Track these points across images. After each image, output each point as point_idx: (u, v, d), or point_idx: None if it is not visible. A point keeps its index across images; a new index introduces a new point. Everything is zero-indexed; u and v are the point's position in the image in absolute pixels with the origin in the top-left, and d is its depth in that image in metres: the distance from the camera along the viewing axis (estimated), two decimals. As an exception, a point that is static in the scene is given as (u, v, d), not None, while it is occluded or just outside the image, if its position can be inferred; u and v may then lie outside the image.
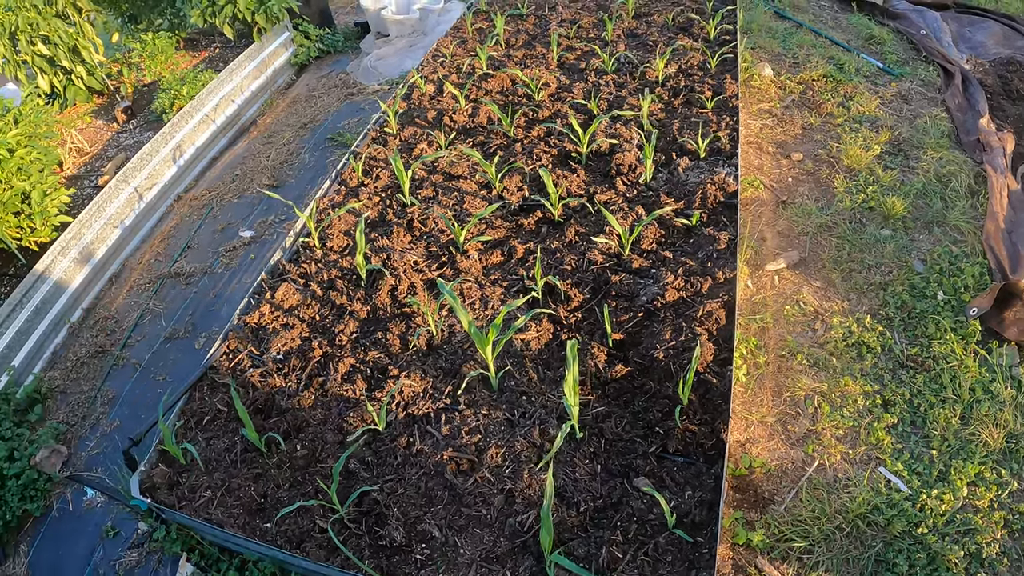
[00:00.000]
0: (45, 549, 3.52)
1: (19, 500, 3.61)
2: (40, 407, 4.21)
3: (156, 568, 3.31)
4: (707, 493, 2.67)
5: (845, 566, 2.83)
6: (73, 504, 3.67)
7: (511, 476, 2.79)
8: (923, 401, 3.31)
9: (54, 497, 3.70)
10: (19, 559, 3.49)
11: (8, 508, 3.55)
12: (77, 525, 3.59)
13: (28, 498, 3.64)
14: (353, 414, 3.13)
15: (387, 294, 3.55)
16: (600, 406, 2.99)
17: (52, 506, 3.67)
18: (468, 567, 2.59)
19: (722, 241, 3.48)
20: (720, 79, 4.76)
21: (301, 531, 2.81)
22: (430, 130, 4.65)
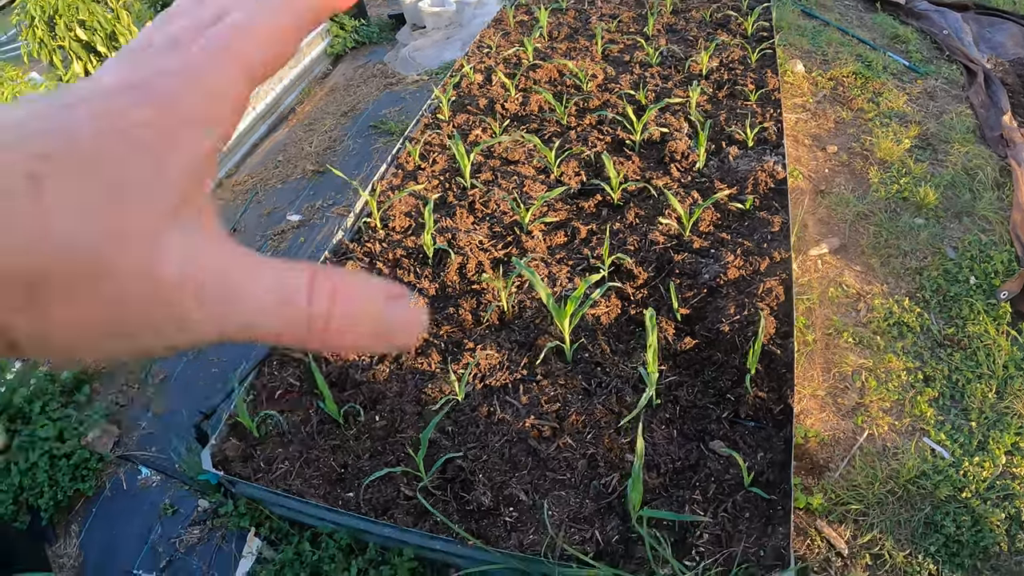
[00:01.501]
0: (98, 529, 3.51)
1: (70, 480, 3.60)
2: (87, 388, 4.24)
3: (220, 545, 3.32)
4: (777, 455, 2.86)
5: (897, 528, 3.03)
6: (127, 483, 3.69)
7: (592, 441, 2.96)
8: (961, 377, 3.52)
9: (106, 477, 3.70)
10: (70, 539, 3.49)
11: (60, 488, 3.56)
12: (132, 504, 3.58)
13: (80, 478, 3.63)
14: (431, 386, 3.28)
15: (455, 272, 3.71)
16: (672, 376, 3.17)
17: (104, 486, 3.67)
18: (557, 527, 2.75)
19: (776, 224, 3.68)
20: (761, 73, 4.97)
21: (385, 499, 2.92)
22: (483, 116, 4.81)
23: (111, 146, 0.29)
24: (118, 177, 0.29)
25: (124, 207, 0.29)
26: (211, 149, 0.33)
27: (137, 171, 0.30)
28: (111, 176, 0.29)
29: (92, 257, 0.28)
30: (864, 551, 2.98)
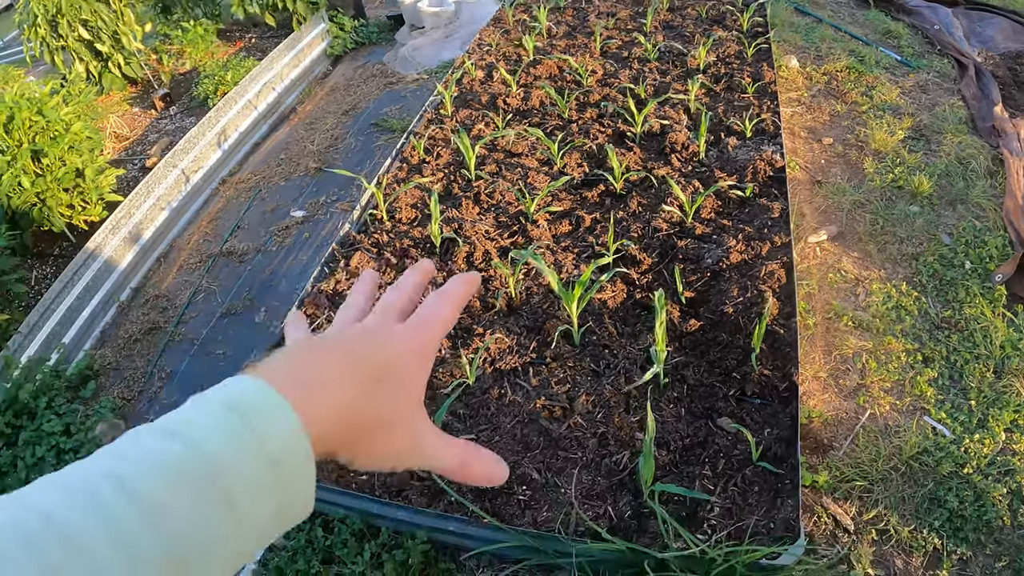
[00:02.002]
0: None
1: None
2: (93, 383, 4.28)
3: None
4: (784, 431, 2.92)
5: (901, 503, 3.10)
6: None
7: (603, 420, 3.02)
8: (959, 357, 3.60)
9: None
10: None
11: None
12: None
13: None
14: (442, 370, 3.33)
15: (463, 260, 3.77)
16: (679, 356, 3.24)
17: None
18: (571, 505, 2.81)
19: (775, 210, 3.76)
20: (757, 67, 5.06)
21: (399, 482, 2.97)
22: (485, 112, 4.89)
23: (403, 366, 0.59)
24: (406, 383, 0.59)
25: (407, 399, 0.58)
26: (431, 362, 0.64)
27: (412, 380, 0.60)
28: (403, 382, 0.58)
29: (390, 422, 0.56)
30: (870, 527, 3.03)
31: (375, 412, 0.54)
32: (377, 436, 0.55)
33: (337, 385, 0.52)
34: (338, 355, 0.55)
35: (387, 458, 0.57)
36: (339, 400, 0.52)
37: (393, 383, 0.56)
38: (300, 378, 0.51)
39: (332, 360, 0.55)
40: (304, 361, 0.53)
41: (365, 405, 0.54)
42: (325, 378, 0.52)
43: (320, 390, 0.51)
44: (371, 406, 0.54)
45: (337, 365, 0.54)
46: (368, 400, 0.54)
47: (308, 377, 0.52)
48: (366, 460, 0.56)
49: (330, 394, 0.52)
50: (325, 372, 0.53)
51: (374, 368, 0.55)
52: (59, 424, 3.82)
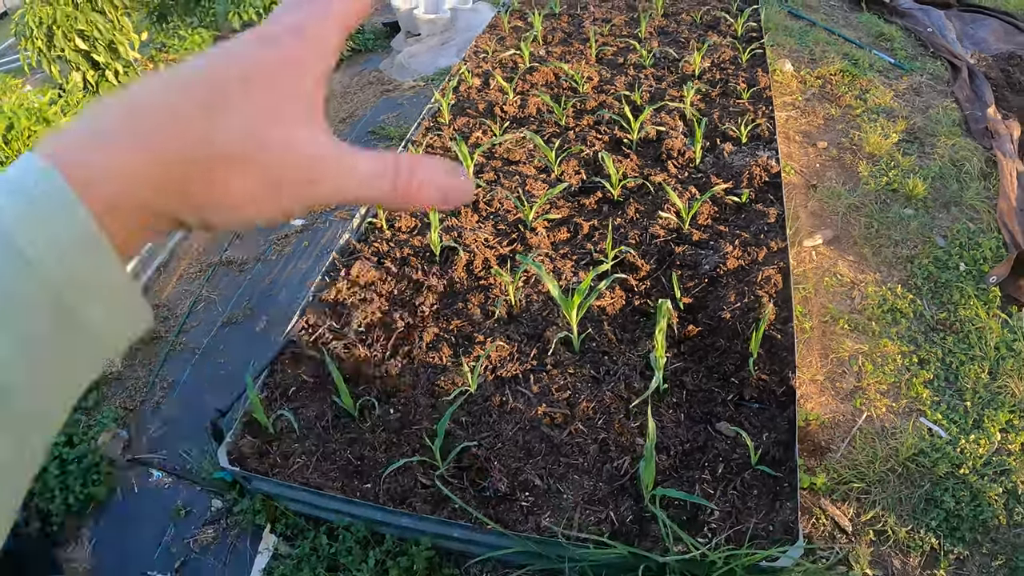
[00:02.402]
0: (110, 532, 3.48)
1: (81, 485, 3.55)
2: (95, 393, 4.25)
3: (234, 543, 3.32)
4: (782, 434, 2.97)
5: (899, 504, 3.14)
6: (138, 486, 3.67)
7: (603, 426, 3.06)
8: (954, 359, 3.64)
9: (117, 480, 3.68)
10: (82, 544, 3.47)
11: (71, 492, 3.51)
12: (143, 507, 3.56)
13: (91, 482, 3.58)
14: (443, 378, 3.36)
15: (463, 268, 3.81)
16: (677, 362, 3.28)
17: (115, 489, 3.65)
18: (572, 510, 2.84)
19: (771, 216, 3.80)
20: (752, 72, 5.11)
21: (403, 489, 2.98)
22: (482, 119, 4.92)
23: (272, 71, 0.45)
24: (275, 91, 0.44)
25: (278, 111, 0.44)
26: (323, 74, 0.49)
27: (285, 86, 0.45)
28: (272, 91, 0.44)
29: (237, 154, 0.43)
30: (867, 528, 3.07)
31: (204, 146, 0.41)
32: (217, 176, 0.42)
33: (144, 124, 0.40)
34: (157, 84, 0.43)
35: (249, 201, 0.44)
36: (140, 142, 0.40)
37: (237, 103, 0.42)
38: (94, 126, 0.41)
39: (145, 94, 0.42)
40: (114, 105, 0.42)
41: (185, 141, 0.41)
42: (121, 122, 0.40)
43: (111, 136, 0.40)
44: (195, 140, 0.41)
45: (150, 97, 0.42)
46: (190, 133, 0.41)
47: (102, 123, 0.41)
48: (218, 212, 0.44)
49: (129, 137, 0.40)
50: (126, 113, 0.41)
51: (205, 91, 0.42)
52: (62, 434, 3.81)
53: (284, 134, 0.44)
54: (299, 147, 0.45)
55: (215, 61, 0.44)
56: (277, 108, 0.44)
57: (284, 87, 0.45)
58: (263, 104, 0.44)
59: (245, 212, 0.45)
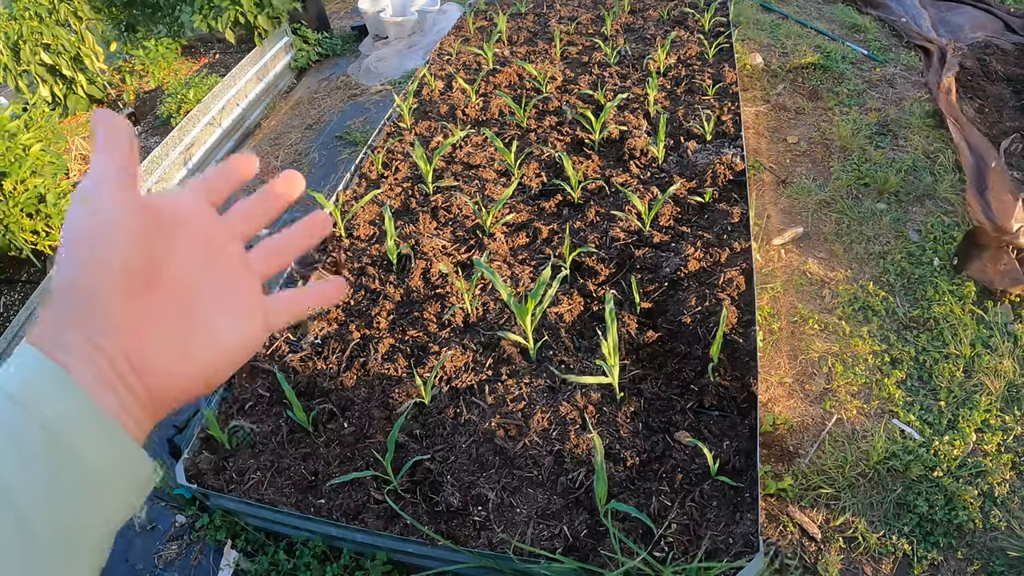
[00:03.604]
0: None
1: None
2: None
3: (197, 558, 3.29)
4: (743, 442, 2.86)
5: (870, 510, 3.04)
6: None
7: (558, 438, 2.96)
8: (928, 357, 3.54)
9: None
10: None
11: None
12: None
13: None
14: (398, 390, 3.27)
15: (419, 277, 3.71)
16: (636, 369, 3.18)
17: None
18: (526, 524, 2.75)
19: (735, 215, 3.69)
20: (719, 68, 5.00)
21: (356, 504, 2.92)
22: (444, 123, 4.82)
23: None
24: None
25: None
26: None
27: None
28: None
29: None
30: (837, 534, 2.98)
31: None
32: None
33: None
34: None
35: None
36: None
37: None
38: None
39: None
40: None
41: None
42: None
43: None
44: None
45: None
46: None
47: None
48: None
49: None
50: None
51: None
52: None
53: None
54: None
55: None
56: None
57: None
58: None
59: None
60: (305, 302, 0.64)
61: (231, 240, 0.60)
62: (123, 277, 0.49)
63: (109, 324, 0.48)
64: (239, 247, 0.62)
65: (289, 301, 0.63)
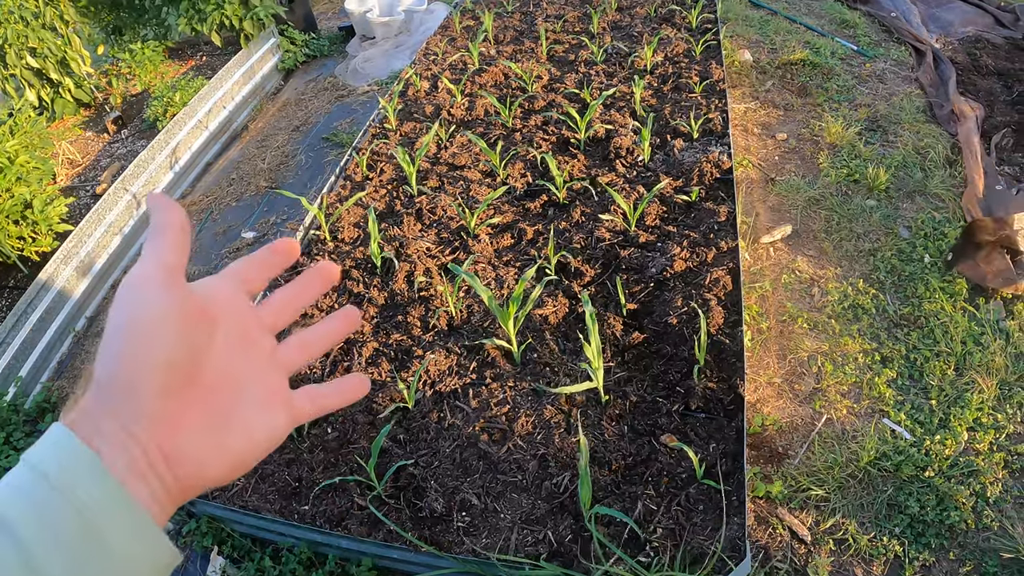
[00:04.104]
0: None
1: None
2: (51, 416, 4.18)
3: (184, 565, 3.24)
4: (730, 445, 2.82)
5: (860, 511, 2.99)
6: None
7: (543, 442, 2.92)
8: (919, 355, 3.49)
9: None
10: None
11: None
12: None
13: None
14: (381, 395, 3.23)
15: (403, 280, 3.66)
16: (621, 371, 3.13)
17: None
18: (510, 530, 2.71)
19: (722, 214, 3.65)
20: (706, 65, 4.96)
21: (340, 511, 2.89)
22: (430, 123, 4.78)
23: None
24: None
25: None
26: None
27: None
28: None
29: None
30: (827, 536, 2.94)
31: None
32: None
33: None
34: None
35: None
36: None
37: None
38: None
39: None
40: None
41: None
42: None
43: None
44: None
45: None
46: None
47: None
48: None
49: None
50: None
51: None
52: (17, 459, 3.71)
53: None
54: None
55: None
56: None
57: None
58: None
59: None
60: (330, 402, 0.64)
61: (264, 333, 0.61)
62: (165, 375, 0.50)
63: (145, 415, 0.49)
64: (272, 340, 0.62)
65: (313, 399, 0.63)
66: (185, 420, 0.52)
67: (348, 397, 0.65)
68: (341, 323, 0.68)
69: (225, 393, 0.55)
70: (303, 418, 0.62)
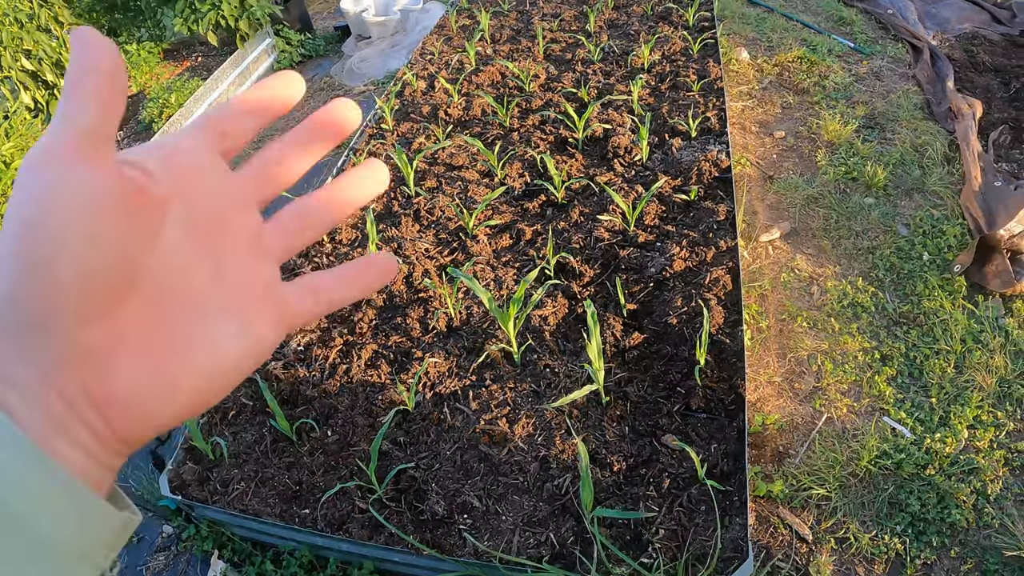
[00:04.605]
0: None
1: None
2: None
3: (185, 569, 3.25)
4: (731, 445, 2.81)
5: (861, 510, 2.99)
6: None
7: (544, 444, 2.91)
8: (918, 353, 3.49)
9: None
10: None
11: None
12: None
13: None
14: (381, 397, 3.22)
15: (402, 281, 3.65)
16: (621, 372, 3.13)
17: None
18: (512, 532, 2.70)
19: (721, 213, 3.64)
20: (703, 63, 4.96)
21: (341, 514, 2.88)
22: (426, 124, 4.76)
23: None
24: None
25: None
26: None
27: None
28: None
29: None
30: (829, 535, 2.94)
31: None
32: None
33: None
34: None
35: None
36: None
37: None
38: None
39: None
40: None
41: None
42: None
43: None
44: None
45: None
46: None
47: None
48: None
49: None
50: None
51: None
52: None
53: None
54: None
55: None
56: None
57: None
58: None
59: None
60: (342, 293, 0.47)
61: (244, 208, 0.44)
62: (82, 295, 0.35)
63: (65, 354, 0.35)
64: (254, 217, 0.45)
65: (315, 291, 0.46)
66: (122, 353, 0.37)
67: (364, 284, 0.49)
68: (374, 271, 0.50)
69: (179, 303, 0.40)
70: (301, 320, 0.46)
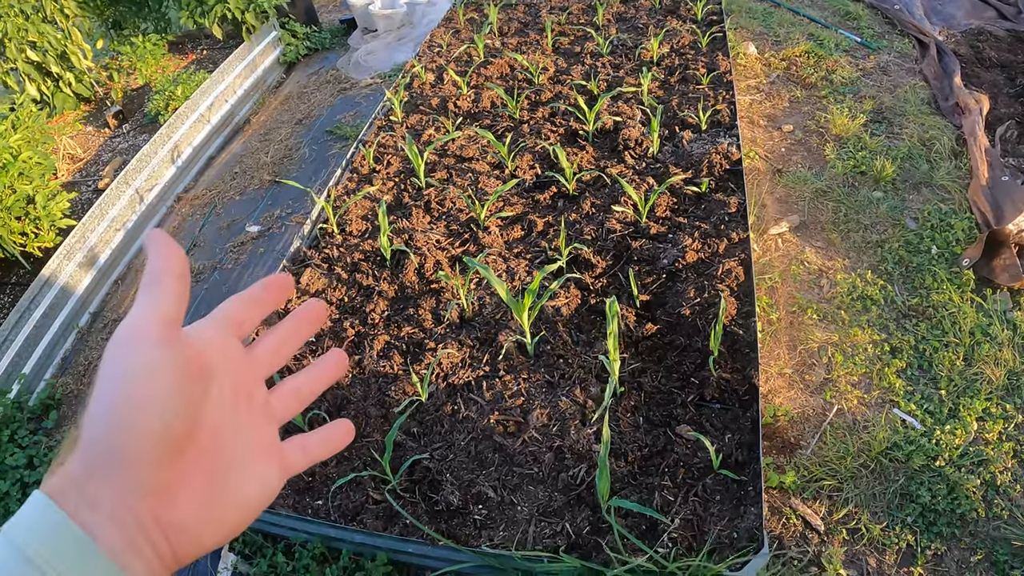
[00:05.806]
0: None
1: None
2: (55, 413, 4.17)
3: (195, 562, 3.33)
4: (745, 435, 2.82)
5: (872, 501, 3.01)
6: None
7: (558, 434, 2.92)
8: (928, 346, 3.51)
9: None
10: None
11: None
12: None
13: None
14: (394, 388, 3.22)
15: (414, 272, 3.66)
16: (635, 363, 3.14)
17: None
18: (527, 523, 2.71)
19: (732, 205, 3.65)
20: (712, 56, 4.96)
21: (355, 505, 2.88)
22: (436, 116, 4.77)
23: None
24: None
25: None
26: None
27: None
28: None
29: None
30: (840, 526, 2.95)
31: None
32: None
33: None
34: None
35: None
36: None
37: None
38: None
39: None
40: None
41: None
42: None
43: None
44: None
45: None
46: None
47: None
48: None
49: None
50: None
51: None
52: (22, 457, 3.76)
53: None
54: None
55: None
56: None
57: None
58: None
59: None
60: (319, 452, 0.61)
61: (258, 381, 0.57)
62: (161, 442, 0.45)
63: (142, 487, 0.45)
64: (264, 390, 0.57)
65: (305, 449, 0.60)
66: (183, 489, 0.48)
67: (334, 446, 0.62)
68: (332, 367, 0.64)
69: (220, 453, 0.51)
70: (293, 471, 0.58)
